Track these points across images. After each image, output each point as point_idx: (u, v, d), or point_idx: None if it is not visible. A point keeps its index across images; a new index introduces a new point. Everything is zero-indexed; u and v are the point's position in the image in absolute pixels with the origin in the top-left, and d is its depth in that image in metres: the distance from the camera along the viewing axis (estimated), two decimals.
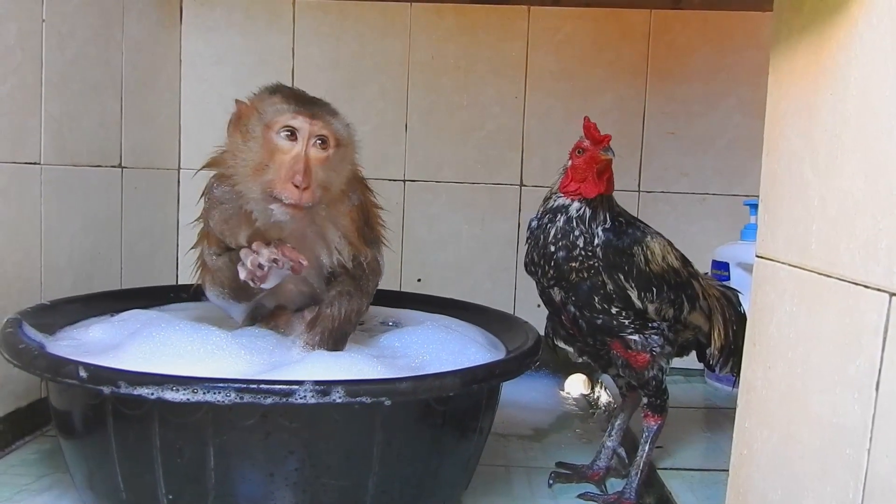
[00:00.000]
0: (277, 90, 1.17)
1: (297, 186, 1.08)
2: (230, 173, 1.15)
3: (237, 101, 1.17)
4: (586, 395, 1.84)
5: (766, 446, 0.78)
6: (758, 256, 0.84)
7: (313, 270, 1.23)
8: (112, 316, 1.31)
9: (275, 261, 1.07)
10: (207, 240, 1.24)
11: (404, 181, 1.97)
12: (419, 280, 1.99)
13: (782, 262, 0.77)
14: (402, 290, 1.88)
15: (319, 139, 1.12)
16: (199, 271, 1.30)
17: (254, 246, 1.10)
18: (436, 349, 1.20)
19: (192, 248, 1.30)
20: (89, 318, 1.31)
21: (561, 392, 1.87)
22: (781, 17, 0.80)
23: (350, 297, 1.22)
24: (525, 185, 1.97)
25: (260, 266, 1.07)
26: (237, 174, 1.13)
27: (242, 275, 1.09)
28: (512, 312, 1.58)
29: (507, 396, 1.26)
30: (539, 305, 1.24)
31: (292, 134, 1.11)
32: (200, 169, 1.23)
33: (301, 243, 1.17)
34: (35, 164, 1.39)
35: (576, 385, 1.89)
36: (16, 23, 1.31)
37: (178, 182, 1.97)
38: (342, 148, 1.16)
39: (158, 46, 1.87)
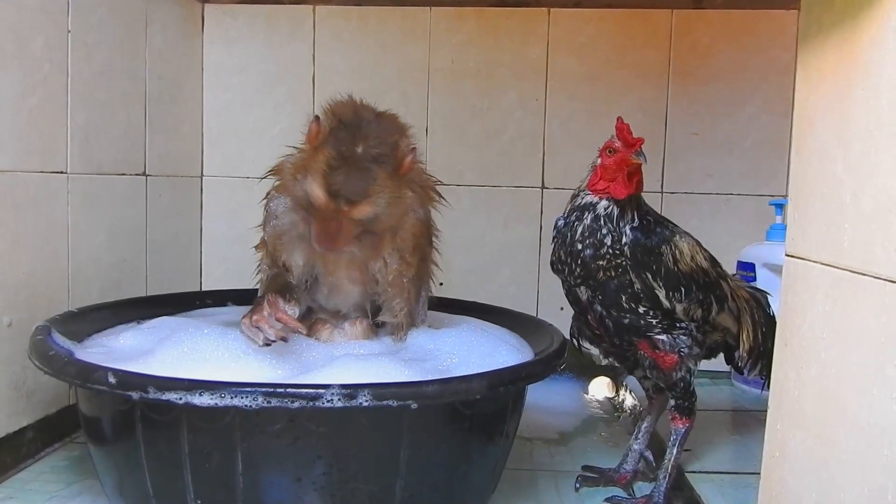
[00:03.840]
0: (330, 142, 1.11)
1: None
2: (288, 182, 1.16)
3: (315, 118, 1.15)
4: (611, 399, 1.83)
5: (799, 448, 0.77)
6: (787, 255, 0.83)
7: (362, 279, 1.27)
8: (139, 323, 1.32)
9: (283, 338, 1.08)
10: (265, 249, 1.26)
11: None
12: (441, 284, 1.98)
13: (814, 261, 0.76)
14: None
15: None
16: (258, 274, 1.32)
17: (254, 319, 1.09)
18: (466, 351, 1.19)
19: (254, 247, 1.32)
20: (117, 325, 1.32)
21: (585, 395, 1.86)
22: (810, 13, 0.79)
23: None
24: (547, 188, 1.96)
25: (273, 341, 1.08)
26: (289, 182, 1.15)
27: (260, 342, 1.08)
28: (535, 315, 1.56)
29: (531, 400, 1.26)
30: (562, 308, 1.23)
31: None
32: (265, 177, 1.25)
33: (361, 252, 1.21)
34: (62, 173, 1.40)
35: (600, 388, 1.87)
36: (43, 35, 1.33)
37: (202, 189, 1.98)
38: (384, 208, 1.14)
39: (181, 56, 1.88)
